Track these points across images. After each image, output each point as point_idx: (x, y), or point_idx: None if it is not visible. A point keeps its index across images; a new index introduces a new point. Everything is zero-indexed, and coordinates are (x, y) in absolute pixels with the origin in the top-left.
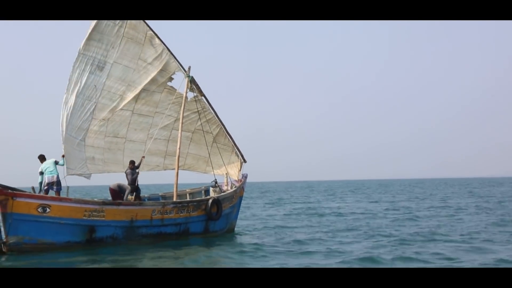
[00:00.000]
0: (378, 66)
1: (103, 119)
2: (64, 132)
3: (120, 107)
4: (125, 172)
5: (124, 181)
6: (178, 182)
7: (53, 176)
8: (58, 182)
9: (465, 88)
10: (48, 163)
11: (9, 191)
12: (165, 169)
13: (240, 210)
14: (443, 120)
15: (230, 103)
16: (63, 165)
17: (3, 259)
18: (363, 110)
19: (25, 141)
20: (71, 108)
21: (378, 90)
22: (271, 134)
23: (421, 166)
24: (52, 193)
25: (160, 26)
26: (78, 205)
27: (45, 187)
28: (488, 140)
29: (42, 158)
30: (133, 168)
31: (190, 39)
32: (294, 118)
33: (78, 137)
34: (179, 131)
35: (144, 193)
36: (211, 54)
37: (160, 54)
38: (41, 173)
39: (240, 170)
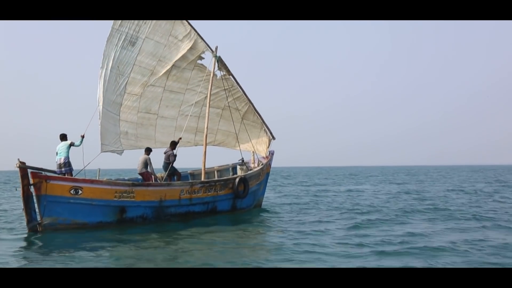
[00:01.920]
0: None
1: (135, 94)
2: (101, 107)
3: (151, 82)
4: (166, 153)
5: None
6: (208, 160)
7: (60, 158)
8: (66, 164)
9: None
10: (62, 144)
11: (43, 174)
12: (196, 145)
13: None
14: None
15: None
16: (79, 145)
17: (38, 236)
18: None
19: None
20: (106, 82)
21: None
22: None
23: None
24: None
25: None
26: (109, 187)
27: (57, 169)
28: None
29: (62, 137)
30: (173, 149)
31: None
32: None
33: (113, 111)
34: (207, 108)
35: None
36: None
37: (189, 33)
38: (57, 154)
39: (268, 146)
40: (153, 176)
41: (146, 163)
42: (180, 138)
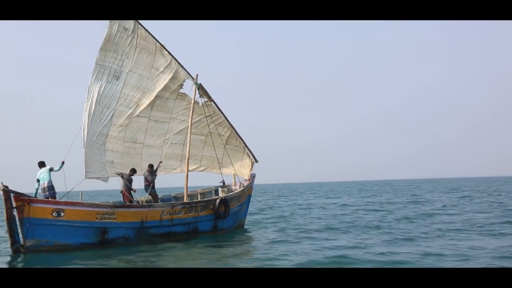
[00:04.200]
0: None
1: (121, 125)
2: (85, 137)
3: (136, 114)
4: (144, 175)
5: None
6: (195, 184)
7: (43, 182)
8: (49, 188)
9: None
10: (43, 170)
11: (25, 197)
12: (181, 172)
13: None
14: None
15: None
16: (58, 170)
17: (21, 258)
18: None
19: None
20: (92, 115)
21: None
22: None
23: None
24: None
25: (176, 24)
26: (91, 209)
27: (42, 193)
28: None
29: (40, 165)
30: (151, 171)
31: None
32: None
33: (98, 141)
34: (188, 135)
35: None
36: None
37: (170, 63)
38: (38, 181)
39: (251, 169)
40: (131, 193)
41: (128, 181)
42: (161, 162)
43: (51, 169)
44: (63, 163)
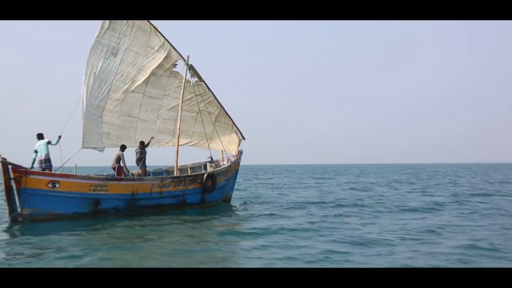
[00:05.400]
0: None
1: (117, 100)
2: (84, 109)
3: (132, 89)
4: (135, 151)
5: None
6: (188, 161)
7: (41, 155)
8: (46, 160)
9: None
10: (41, 143)
11: (23, 169)
12: (173, 145)
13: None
14: None
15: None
16: (55, 144)
17: (19, 227)
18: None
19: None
20: (90, 88)
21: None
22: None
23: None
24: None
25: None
26: (84, 181)
27: (38, 165)
28: None
29: (39, 137)
30: (142, 147)
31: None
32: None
33: (96, 113)
34: (179, 112)
35: (150, 168)
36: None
37: (163, 44)
38: (36, 152)
39: (238, 146)
40: (125, 171)
41: (119, 159)
42: (153, 137)
43: (49, 142)
44: (60, 137)
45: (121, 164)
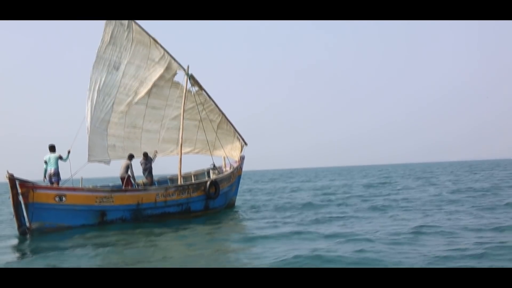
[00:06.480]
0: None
1: (122, 112)
2: (89, 124)
3: (135, 101)
4: (140, 162)
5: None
6: (192, 168)
7: (50, 169)
8: (55, 174)
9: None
10: (52, 156)
11: (30, 184)
12: (178, 154)
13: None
14: None
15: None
16: (66, 160)
17: (28, 237)
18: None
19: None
20: (94, 102)
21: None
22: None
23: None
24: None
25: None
26: (90, 193)
27: (47, 179)
28: None
29: (51, 148)
30: (146, 158)
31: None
32: None
33: (101, 127)
34: (181, 121)
35: (155, 177)
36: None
37: (164, 55)
38: (46, 162)
39: (241, 152)
40: (131, 180)
41: (128, 168)
42: (156, 151)
43: (60, 158)
44: (69, 152)
45: (129, 173)
